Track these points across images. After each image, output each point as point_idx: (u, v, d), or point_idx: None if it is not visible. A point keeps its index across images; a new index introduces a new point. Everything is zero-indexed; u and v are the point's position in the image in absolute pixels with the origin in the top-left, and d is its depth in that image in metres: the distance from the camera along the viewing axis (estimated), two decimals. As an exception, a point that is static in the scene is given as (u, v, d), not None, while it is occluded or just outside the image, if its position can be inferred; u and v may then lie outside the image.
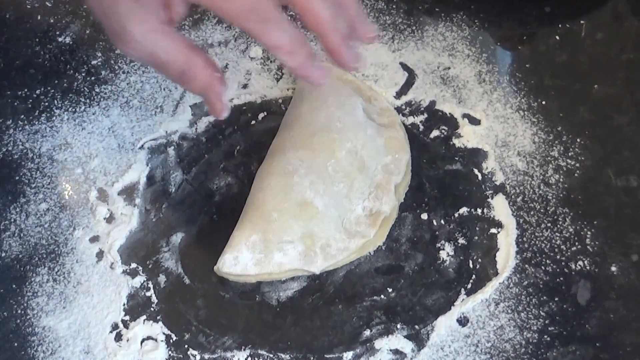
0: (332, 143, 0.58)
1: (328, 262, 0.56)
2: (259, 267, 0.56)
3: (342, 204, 0.58)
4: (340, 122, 0.60)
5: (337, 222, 0.57)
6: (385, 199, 0.58)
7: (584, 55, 0.68)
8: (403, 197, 0.60)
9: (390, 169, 0.59)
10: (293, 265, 0.56)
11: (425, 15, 0.71)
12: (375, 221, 0.58)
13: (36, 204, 0.61)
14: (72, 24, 0.71)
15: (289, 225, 0.56)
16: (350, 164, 0.58)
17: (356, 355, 0.54)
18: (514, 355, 0.54)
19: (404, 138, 0.61)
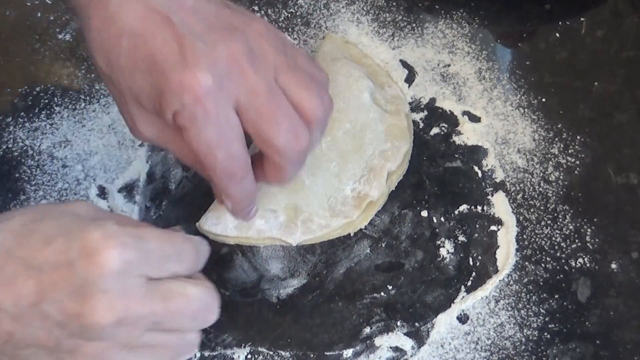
0: (332, 121, 0.57)
1: (307, 236, 0.57)
2: (239, 230, 0.57)
3: (331, 183, 0.58)
4: (344, 102, 0.60)
5: (323, 200, 0.57)
6: (375, 184, 0.58)
7: (584, 53, 0.68)
8: (395, 185, 0.60)
9: (387, 156, 0.59)
10: (272, 234, 0.57)
11: (425, 13, 0.71)
12: (360, 204, 0.58)
13: (36, 201, 0.61)
14: (72, 21, 0.71)
15: (274, 194, 0.57)
16: (345, 144, 0.58)
17: (356, 352, 0.54)
18: (514, 352, 0.54)
19: (406, 127, 0.61)
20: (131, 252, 0.41)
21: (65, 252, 0.40)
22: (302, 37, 0.69)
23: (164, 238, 0.43)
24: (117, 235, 0.41)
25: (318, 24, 0.69)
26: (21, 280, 0.40)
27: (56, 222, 0.42)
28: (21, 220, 0.43)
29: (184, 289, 0.43)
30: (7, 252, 0.41)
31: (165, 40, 0.45)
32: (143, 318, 0.42)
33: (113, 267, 0.40)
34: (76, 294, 0.40)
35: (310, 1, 0.71)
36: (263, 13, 0.70)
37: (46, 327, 0.41)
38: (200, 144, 0.45)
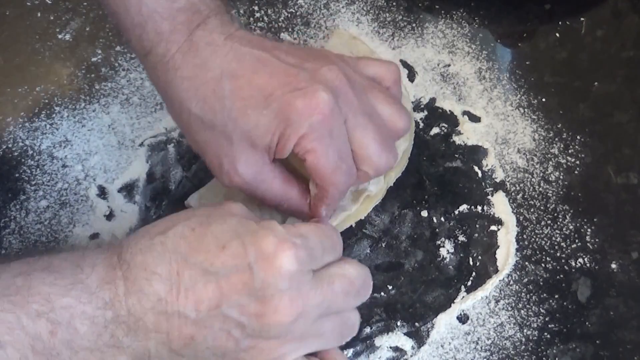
0: None
1: None
2: None
3: None
4: None
5: None
6: (373, 180, 0.58)
7: (584, 53, 0.68)
8: (393, 182, 0.60)
9: None
10: None
11: (425, 13, 0.71)
12: (358, 197, 0.58)
13: (36, 201, 0.61)
14: (72, 21, 0.71)
15: None
16: None
17: (356, 352, 0.54)
18: (514, 352, 0.54)
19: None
20: (302, 252, 0.43)
21: (242, 256, 0.42)
22: (302, 37, 0.69)
23: (320, 233, 0.46)
24: (287, 238, 0.43)
25: (318, 23, 0.69)
26: (200, 285, 0.42)
27: (224, 225, 0.44)
28: (189, 225, 0.44)
29: (343, 270, 0.46)
30: (183, 258, 0.42)
31: (270, 74, 0.48)
32: (316, 308, 0.44)
33: (290, 268, 0.42)
34: (256, 296, 0.42)
35: (310, 1, 0.71)
36: (263, 13, 0.70)
37: (226, 328, 0.42)
38: (328, 161, 0.48)
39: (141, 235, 0.44)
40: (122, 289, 0.42)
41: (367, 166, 0.50)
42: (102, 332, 0.41)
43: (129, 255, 0.43)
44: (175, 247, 0.43)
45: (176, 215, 0.46)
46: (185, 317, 0.42)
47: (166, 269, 0.42)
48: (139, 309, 0.41)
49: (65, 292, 0.41)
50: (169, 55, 0.49)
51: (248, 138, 0.48)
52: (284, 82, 0.47)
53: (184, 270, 0.42)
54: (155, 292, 0.42)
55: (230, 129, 0.48)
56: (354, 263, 0.47)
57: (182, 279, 0.42)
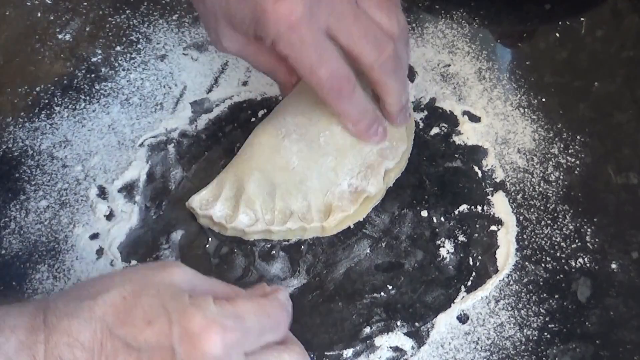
0: (331, 116, 0.58)
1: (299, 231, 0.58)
2: (225, 221, 0.58)
3: (328, 177, 0.58)
4: None
5: (319, 194, 0.58)
6: (372, 180, 0.58)
7: (584, 53, 0.68)
8: (392, 182, 0.60)
9: (385, 154, 0.59)
10: (258, 228, 0.58)
11: (425, 13, 0.71)
12: (357, 198, 0.58)
13: (36, 201, 0.61)
14: (72, 21, 0.71)
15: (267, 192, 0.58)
16: (343, 139, 0.58)
17: (356, 352, 0.54)
18: (514, 352, 0.54)
19: (405, 130, 0.61)
20: (232, 334, 0.41)
21: (166, 334, 0.41)
22: (302, 37, 0.69)
23: (261, 313, 0.44)
24: (218, 319, 0.41)
25: (318, 24, 0.69)
26: (121, 359, 0.40)
27: (156, 299, 0.42)
28: (121, 292, 0.42)
29: (280, 358, 0.44)
30: (108, 328, 0.41)
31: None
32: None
33: (215, 353, 0.40)
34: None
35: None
36: (263, 13, 0.70)
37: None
38: (304, 67, 0.50)
39: (71, 297, 0.43)
40: (41, 354, 0.40)
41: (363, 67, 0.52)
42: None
43: (55, 318, 0.41)
44: (103, 315, 0.41)
45: (110, 278, 0.45)
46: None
47: (90, 337, 0.41)
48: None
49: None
50: None
51: (229, 21, 0.51)
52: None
53: (107, 342, 0.41)
54: (75, 359, 0.40)
55: (216, 8, 0.52)
56: (294, 350, 0.45)
57: (104, 350, 0.41)
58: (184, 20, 0.71)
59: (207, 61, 0.69)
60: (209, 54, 0.69)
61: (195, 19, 0.71)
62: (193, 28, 0.71)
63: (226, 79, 0.68)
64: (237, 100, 0.66)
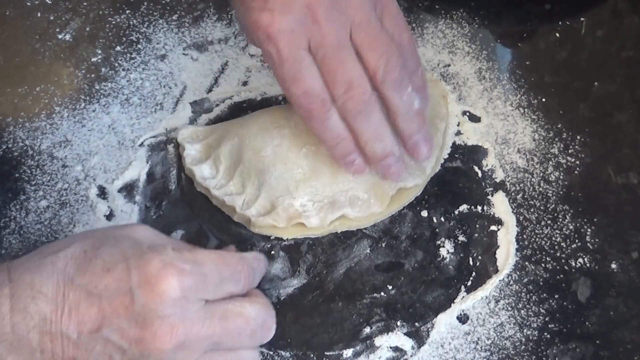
0: None
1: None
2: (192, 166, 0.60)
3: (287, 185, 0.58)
4: None
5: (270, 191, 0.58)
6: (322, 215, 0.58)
7: (584, 53, 0.68)
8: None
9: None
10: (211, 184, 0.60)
11: (425, 13, 0.71)
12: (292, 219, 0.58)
13: (36, 201, 0.61)
14: (72, 21, 0.71)
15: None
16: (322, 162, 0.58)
17: (356, 352, 0.54)
18: (514, 352, 0.54)
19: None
20: (189, 278, 0.42)
21: (125, 279, 0.42)
22: (302, 37, 0.69)
23: (220, 261, 0.45)
24: (175, 263, 0.42)
25: (318, 24, 0.69)
26: (83, 307, 0.42)
27: (116, 248, 0.44)
28: (82, 246, 0.44)
29: (242, 308, 0.45)
30: (70, 279, 0.42)
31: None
32: (202, 340, 0.43)
33: (172, 295, 0.41)
34: (137, 320, 0.41)
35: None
36: (263, 13, 0.70)
37: (107, 352, 0.42)
38: (279, 80, 0.50)
39: (34, 254, 0.45)
40: (7, 307, 0.41)
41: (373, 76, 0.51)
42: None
43: (18, 273, 0.43)
44: (64, 267, 0.43)
45: (73, 236, 0.46)
46: (67, 338, 0.42)
47: (53, 288, 0.42)
48: (23, 328, 0.41)
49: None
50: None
51: None
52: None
53: (70, 291, 0.42)
54: (39, 311, 0.42)
55: None
56: (256, 302, 0.46)
57: (67, 300, 0.42)
58: (184, 20, 0.71)
59: (207, 61, 0.68)
60: (209, 54, 0.69)
61: (195, 19, 0.71)
62: (193, 28, 0.71)
63: (226, 79, 0.68)
64: (237, 100, 0.66)
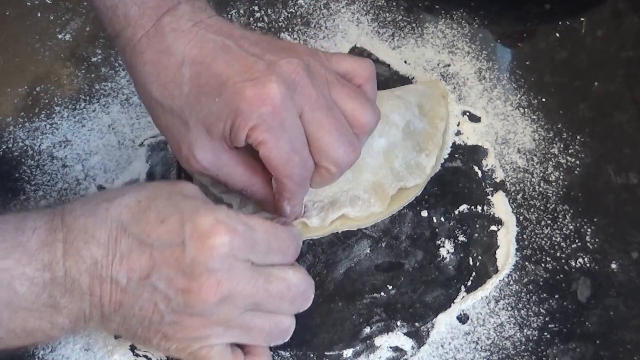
0: None
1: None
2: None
3: None
4: None
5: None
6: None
7: (584, 53, 0.68)
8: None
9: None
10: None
11: (425, 13, 0.71)
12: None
13: (36, 201, 0.61)
14: (72, 21, 0.71)
15: None
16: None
17: (356, 352, 0.54)
18: (514, 352, 0.54)
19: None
20: (240, 238, 0.43)
21: (178, 231, 0.43)
22: (302, 37, 0.69)
23: (272, 232, 0.46)
24: (228, 221, 0.43)
25: (318, 24, 0.69)
26: (135, 254, 0.43)
27: (170, 201, 0.45)
28: (136, 196, 0.45)
29: (285, 274, 0.46)
30: (123, 226, 0.44)
31: (228, 62, 0.48)
32: (245, 298, 0.44)
33: (222, 251, 0.42)
34: (185, 271, 0.43)
35: (310, 1, 0.71)
36: (263, 13, 0.70)
37: (153, 299, 0.43)
38: (280, 153, 0.48)
39: (88, 199, 0.46)
40: (60, 251, 0.43)
41: (325, 160, 0.50)
42: (41, 293, 0.42)
43: (72, 217, 0.44)
44: (118, 215, 0.44)
45: (126, 187, 0.47)
46: (116, 283, 0.43)
47: (105, 234, 0.43)
48: (75, 271, 0.43)
49: (6, 254, 0.42)
50: (135, 39, 0.50)
51: (203, 125, 0.49)
52: (240, 70, 0.48)
53: (122, 238, 0.43)
54: (91, 255, 0.43)
55: (187, 114, 0.49)
56: (299, 272, 0.47)
57: (119, 246, 0.43)
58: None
59: (207, 61, 0.68)
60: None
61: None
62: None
63: (226, 79, 0.67)
64: (237, 100, 0.66)
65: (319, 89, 0.49)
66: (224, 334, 0.46)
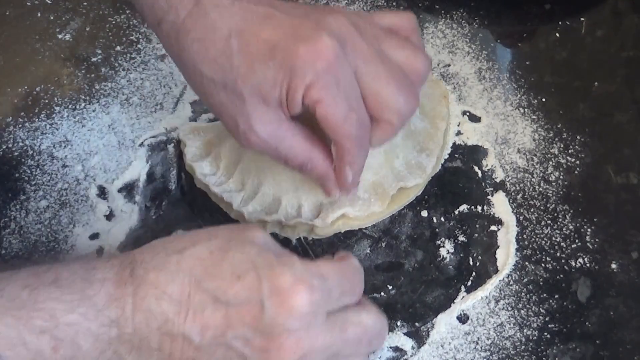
0: None
1: None
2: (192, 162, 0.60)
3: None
4: None
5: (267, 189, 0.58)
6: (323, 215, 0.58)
7: (584, 53, 0.68)
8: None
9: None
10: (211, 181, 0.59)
11: (425, 13, 0.71)
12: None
13: (36, 201, 0.61)
14: (72, 21, 0.71)
15: None
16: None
17: (356, 352, 0.54)
18: (514, 352, 0.54)
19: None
20: (318, 293, 0.42)
21: (255, 289, 0.41)
22: (302, 37, 0.69)
23: (341, 274, 0.45)
24: (305, 278, 0.42)
25: (318, 24, 0.69)
26: (209, 311, 0.41)
27: (244, 255, 0.43)
28: (207, 246, 0.43)
29: (359, 317, 0.45)
30: (196, 281, 0.42)
31: (275, 27, 0.47)
32: (323, 352, 0.43)
33: (303, 310, 0.41)
34: (263, 331, 0.41)
35: (310, 1, 0.71)
36: (263, 13, 0.70)
37: (228, 358, 0.42)
38: (337, 111, 0.46)
39: (157, 250, 0.44)
40: (129, 306, 0.41)
41: (387, 112, 0.49)
42: (106, 349, 0.41)
43: (142, 271, 0.42)
44: (191, 268, 0.42)
45: (196, 234, 0.45)
46: (189, 341, 0.42)
47: (178, 289, 0.42)
48: (145, 328, 0.41)
49: (72, 308, 0.40)
50: (179, 21, 0.50)
51: (259, 94, 0.47)
52: (289, 32, 0.47)
53: (196, 294, 0.42)
54: (163, 312, 0.41)
55: (240, 86, 0.48)
56: (371, 311, 0.46)
57: (192, 302, 0.41)
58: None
59: (207, 61, 0.68)
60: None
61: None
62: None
63: (226, 79, 0.67)
64: (237, 100, 0.66)
65: (369, 41, 0.48)
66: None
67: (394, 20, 0.52)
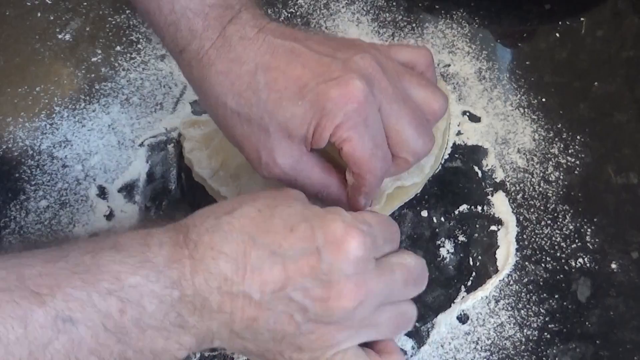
0: None
1: None
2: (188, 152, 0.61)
3: None
4: None
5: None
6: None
7: (584, 53, 0.68)
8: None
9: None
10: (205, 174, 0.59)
11: (425, 13, 0.71)
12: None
13: (36, 201, 0.61)
14: (72, 21, 0.71)
15: None
16: None
17: (356, 352, 0.54)
18: (514, 352, 0.54)
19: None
20: (368, 239, 0.43)
21: (310, 239, 0.42)
22: (302, 37, 0.69)
23: (383, 223, 0.46)
24: (355, 224, 0.43)
25: (318, 23, 0.69)
26: (267, 266, 0.42)
27: (291, 208, 0.44)
28: (255, 206, 0.44)
29: (402, 259, 0.46)
30: (251, 238, 0.42)
31: (303, 64, 0.48)
32: (377, 296, 0.44)
33: (357, 254, 0.42)
34: (322, 280, 0.42)
35: (310, 1, 0.71)
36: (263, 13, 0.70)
37: (289, 311, 0.42)
38: (364, 149, 0.47)
39: (206, 215, 0.45)
40: (188, 268, 0.41)
41: (405, 152, 0.50)
42: (169, 311, 0.41)
43: (196, 234, 0.43)
44: (243, 227, 0.43)
45: (238, 199, 0.46)
46: (249, 298, 0.42)
47: (233, 248, 0.42)
48: (205, 289, 0.41)
49: (134, 270, 0.40)
50: (202, 51, 0.50)
51: (285, 129, 0.48)
52: (318, 72, 0.47)
53: (252, 251, 0.42)
54: (221, 271, 0.42)
55: (266, 121, 0.48)
56: (411, 253, 0.47)
57: (249, 260, 0.42)
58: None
59: (207, 61, 0.68)
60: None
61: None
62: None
63: (226, 79, 0.67)
64: (237, 100, 0.66)
65: (392, 80, 0.49)
66: (355, 336, 0.45)
67: (411, 56, 0.53)
